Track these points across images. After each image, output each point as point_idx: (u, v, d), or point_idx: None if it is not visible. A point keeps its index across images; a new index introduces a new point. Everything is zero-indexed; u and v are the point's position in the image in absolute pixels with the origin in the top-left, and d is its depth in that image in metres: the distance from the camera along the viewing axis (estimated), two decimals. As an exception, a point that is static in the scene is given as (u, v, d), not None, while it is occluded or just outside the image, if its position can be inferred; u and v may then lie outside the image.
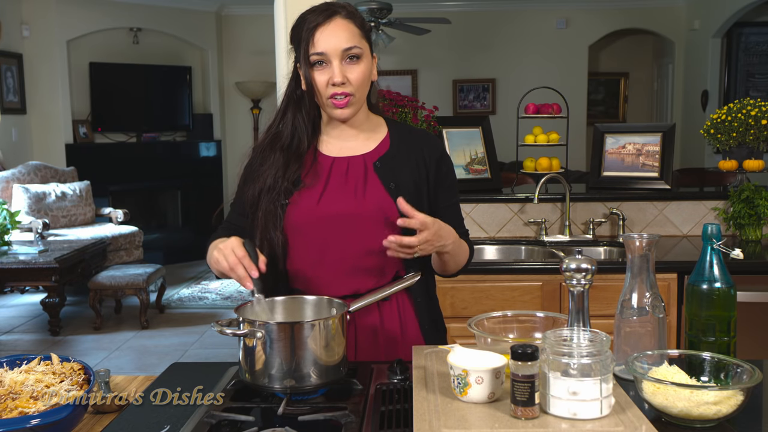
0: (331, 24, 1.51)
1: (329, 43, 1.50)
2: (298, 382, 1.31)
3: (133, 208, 7.15)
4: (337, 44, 1.50)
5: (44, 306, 5.18)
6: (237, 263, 1.39)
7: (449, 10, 8.20)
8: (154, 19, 7.65)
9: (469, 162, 3.46)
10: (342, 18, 1.52)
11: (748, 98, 3.28)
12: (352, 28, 1.52)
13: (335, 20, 1.51)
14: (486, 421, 1.12)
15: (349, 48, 1.51)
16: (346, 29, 1.51)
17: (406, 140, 1.65)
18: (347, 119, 1.58)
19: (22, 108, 6.96)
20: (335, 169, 1.60)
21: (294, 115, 1.60)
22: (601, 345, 1.15)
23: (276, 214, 1.56)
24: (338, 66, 1.50)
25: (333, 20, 1.51)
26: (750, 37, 7.63)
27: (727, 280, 1.45)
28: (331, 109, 1.55)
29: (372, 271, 1.57)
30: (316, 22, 1.51)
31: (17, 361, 1.35)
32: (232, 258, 1.40)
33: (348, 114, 1.56)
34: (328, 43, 1.50)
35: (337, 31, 1.51)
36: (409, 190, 1.59)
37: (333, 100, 1.53)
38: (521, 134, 3.61)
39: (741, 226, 3.15)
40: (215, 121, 8.22)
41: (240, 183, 1.67)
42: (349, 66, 1.52)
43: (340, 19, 1.52)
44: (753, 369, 1.24)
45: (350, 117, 1.57)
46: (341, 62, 1.51)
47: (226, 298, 6.20)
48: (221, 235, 1.63)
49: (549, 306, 2.73)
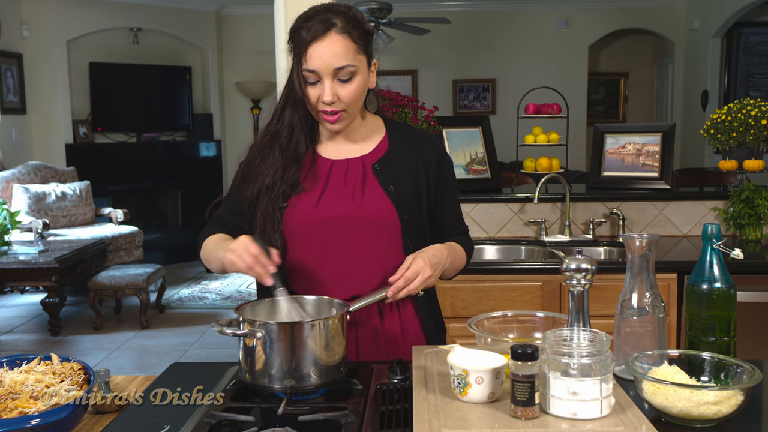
0: (326, 40, 1.46)
1: (322, 60, 1.47)
2: (298, 382, 1.31)
3: (133, 208, 7.15)
4: (329, 63, 1.47)
5: (44, 306, 5.18)
6: (254, 262, 1.40)
7: (449, 10, 8.20)
8: (154, 19, 7.65)
9: (469, 162, 3.46)
10: (338, 33, 1.47)
11: (748, 98, 3.28)
12: (347, 44, 1.48)
13: (330, 36, 1.47)
14: (486, 421, 1.12)
15: (341, 68, 1.48)
16: (340, 46, 1.47)
17: (405, 141, 1.65)
18: (339, 131, 1.58)
19: (22, 108, 6.96)
20: (334, 172, 1.60)
21: (292, 113, 1.58)
22: (601, 345, 1.15)
23: (274, 216, 1.56)
24: (329, 85, 1.48)
25: (328, 36, 1.47)
26: (750, 37, 7.63)
27: (727, 280, 1.45)
28: (323, 123, 1.56)
29: (371, 273, 1.57)
30: (311, 37, 1.47)
31: (17, 361, 1.35)
32: (247, 258, 1.40)
33: (339, 128, 1.56)
34: (321, 61, 1.47)
35: (331, 48, 1.46)
36: (408, 191, 1.59)
37: (324, 116, 1.53)
38: (521, 134, 3.61)
39: (741, 226, 3.15)
40: (215, 121, 8.23)
41: (237, 180, 1.66)
42: (341, 85, 1.50)
43: (335, 35, 1.47)
44: (753, 369, 1.24)
45: (342, 130, 1.57)
46: (333, 80, 1.49)
47: (226, 298, 6.20)
48: (212, 231, 1.64)
49: (549, 306, 2.73)
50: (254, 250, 1.40)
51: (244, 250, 1.41)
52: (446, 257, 1.56)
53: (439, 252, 1.55)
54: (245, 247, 1.41)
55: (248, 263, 1.40)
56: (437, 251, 1.54)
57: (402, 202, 1.57)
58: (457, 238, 1.69)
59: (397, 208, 1.57)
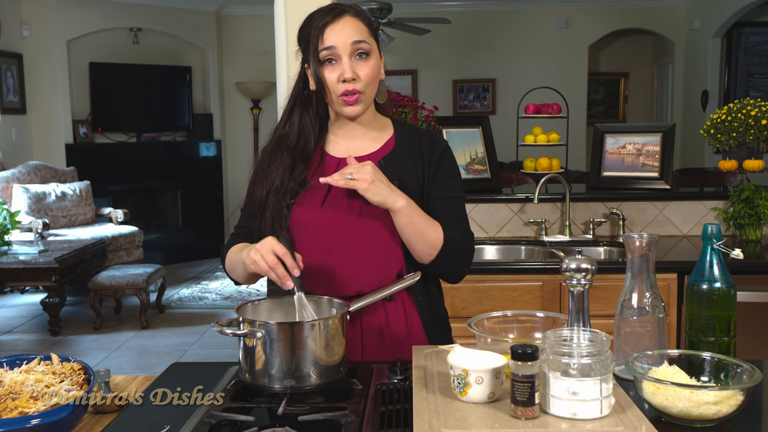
0: (341, 21, 1.53)
1: (339, 37, 1.51)
2: (298, 382, 1.31)
3: (133, 208, 7.15)
4: (346, 38, 1.51)
5: (44, 306, 5.18)
6: (276, 263, 1.39)
7: (449, 10, 8.20)
8: (154, 19, 7.65)
9: (469, 162, 3.46)
10: (350, 16, 1.54)
11: (748, 98, 3.28)
12: (360, 25, 1.55)
13: (344, 18, 1.53)
14: (486, 421, 1.12)
15: (358, 41, 1.52)
16: (354, 25, 1.54)
17: (411, 140, 1.66)
18: (356, 116, 1.58)
19: (22, 108, 6.96)
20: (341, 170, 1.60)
21: (301, 115, 1.60)
22: (601, 345, 1.15)
23: (282, 213, 1.57)
24: (348, 62, 1.52)
25: (342, 18, 1.53)
26: (750, 37, 7.62)
27: (727, 280, 1.45)
28: (341, 107, 1.56)
29: (375, 271, 1.57)
30: (324, 21, 1.53)
31: (17, 361, 1.35)
32: (270, 258, 1.39)
33: (357, 111, 1.56)
34: (338, 38, 1.51)
35: (346, 27, 1.53)
36: (412, 187, 1.59)
37: (343, 98, 1.54)
38: (521, 134, 3.61)
39: (741, 226, 3.15)
40: (215, 121, 8.22)
41: (249, 186, 1.67)
42: (358, 62, 1.53)
43: (348, 17, 1.54)
44: (753, 369, 1.24)
45: (359, 114, 1.57)
46: (351, 58, 1.52)
47: (226, 298, 6.20)
48: (235, 242, 1.64)
49: (549, 306, 2.73)
50: (280, 251, 1.40)
51: (268, 249, 1.40)
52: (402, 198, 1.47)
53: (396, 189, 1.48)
54: (271, 247, 1.41)
55: (271, 263, 1.39)
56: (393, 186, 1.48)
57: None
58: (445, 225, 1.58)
59: None
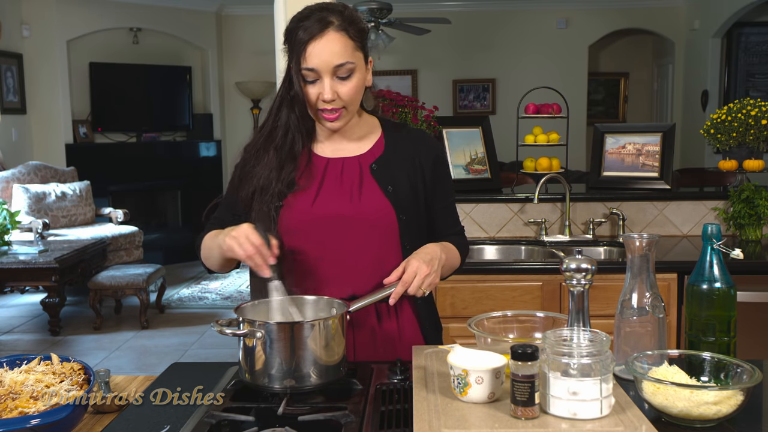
0: (324, 39, 1.47)
1: (320, 59, 1.47)
2: (298, 382, 1.31)
3: (133, 208, 7.15)
4: (328, 61, 1.47)
5: (44, 306, 5.18)
6: (254, 252, 1.39)
7: (449, 10, 8.20)
8: (154, 19, 7.65)
9: (469, 162, 3.46)
10: (335, 31, 1.48)
11: (748, 98, 3.28)
12: (345, 41, 1.48)
13: (328, 34, 1.47)
14: (486, 421, 1.12)
15: (340, 65, 1.48)
16: (338, 44, 1.47)
17: (401, 141, 1.65)
18: (338, 129, 1.58)
19: (22, 108, 6.96)
20: (330, 171, 1.59)
21: (288, 114, 1.58)
22: (601, 345, 1.15)
23: (270, 216, 1.55)
24: (329, 83, 1.48)
25: (326, 34, 1.47)
26: (750, 37, 7.62)
27: (727, 280, 1.45)
28: (323, 122, 1.56)
29: (368, 273, 1.57)
30: (308, 36, 1.47)
31: (17, 361, 1.35)
32: (248, 246, 1.39)
33: (339, 126, 1.56)
34: (319, 59, 1.47)
35: (329, 46, 1.47)
36: (405, 192, 1.59)
37: (323, 114, 1.53)
38: (521, 134, 3.61)
39: (741, 226, 3.15)
40: (215, 121, 8.22)
41: (234, 182, 1.66)
42: (340, 82, 1.50)
43: (332, 33, 1.47)
44: (753, 369, 1.24)
45: (341, 127, 1.57)
46: (332, 78, 1.49)
47: (226, 298, 6.20)
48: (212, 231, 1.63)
49: (549, 306, 2.73)
50: (256, 240, 1.40)
51: (245, 238, 1.40)
52: (440, 252, 1.55)
53: (432, 249, 1.54)
54: (247, 235, 1.40)
55: (248, 251, 1.39)
56: (429, 249, 1.54)
57: (400, 203, 1.57)
58: (452, 239, 1.69)
59: (396, 209, 1.56)
